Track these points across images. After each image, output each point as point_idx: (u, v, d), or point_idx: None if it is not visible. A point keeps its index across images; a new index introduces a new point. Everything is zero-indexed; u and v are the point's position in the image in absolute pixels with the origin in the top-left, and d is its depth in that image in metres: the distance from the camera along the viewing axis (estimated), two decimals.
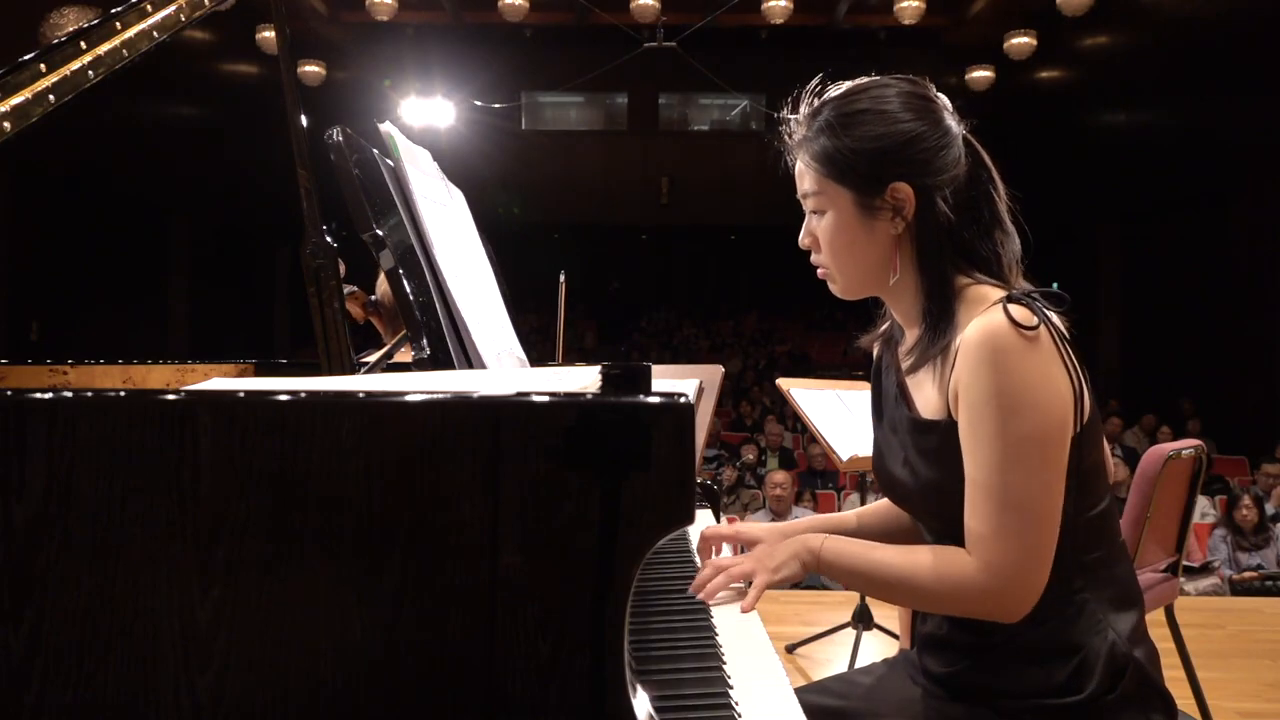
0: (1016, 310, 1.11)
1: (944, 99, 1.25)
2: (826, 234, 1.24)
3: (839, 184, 1.21)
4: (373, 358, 1.52)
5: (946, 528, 1.21)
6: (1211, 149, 10.45)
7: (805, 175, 1.25)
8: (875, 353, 1.41)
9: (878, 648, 3.66)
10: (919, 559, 1.18)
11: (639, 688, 0.73)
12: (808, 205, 1.26)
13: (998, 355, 1.10)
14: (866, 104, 1.21)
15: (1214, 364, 11.22)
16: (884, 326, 1.39)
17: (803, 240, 1.28)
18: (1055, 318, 1.15)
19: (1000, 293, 1.17)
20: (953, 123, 1.23)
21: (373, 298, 2.56)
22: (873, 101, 1.21)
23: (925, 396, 1.24)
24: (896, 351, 1.33)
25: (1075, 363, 1.14)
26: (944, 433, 1.18)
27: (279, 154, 1.39)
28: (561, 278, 2.37)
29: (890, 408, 1.33)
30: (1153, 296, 12.60)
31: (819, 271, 1.29)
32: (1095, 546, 1.20)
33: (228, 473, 0.69)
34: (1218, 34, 9.06)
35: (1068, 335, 1.15)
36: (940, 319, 1.20)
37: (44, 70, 1.18)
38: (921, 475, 1.23)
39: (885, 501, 1.48)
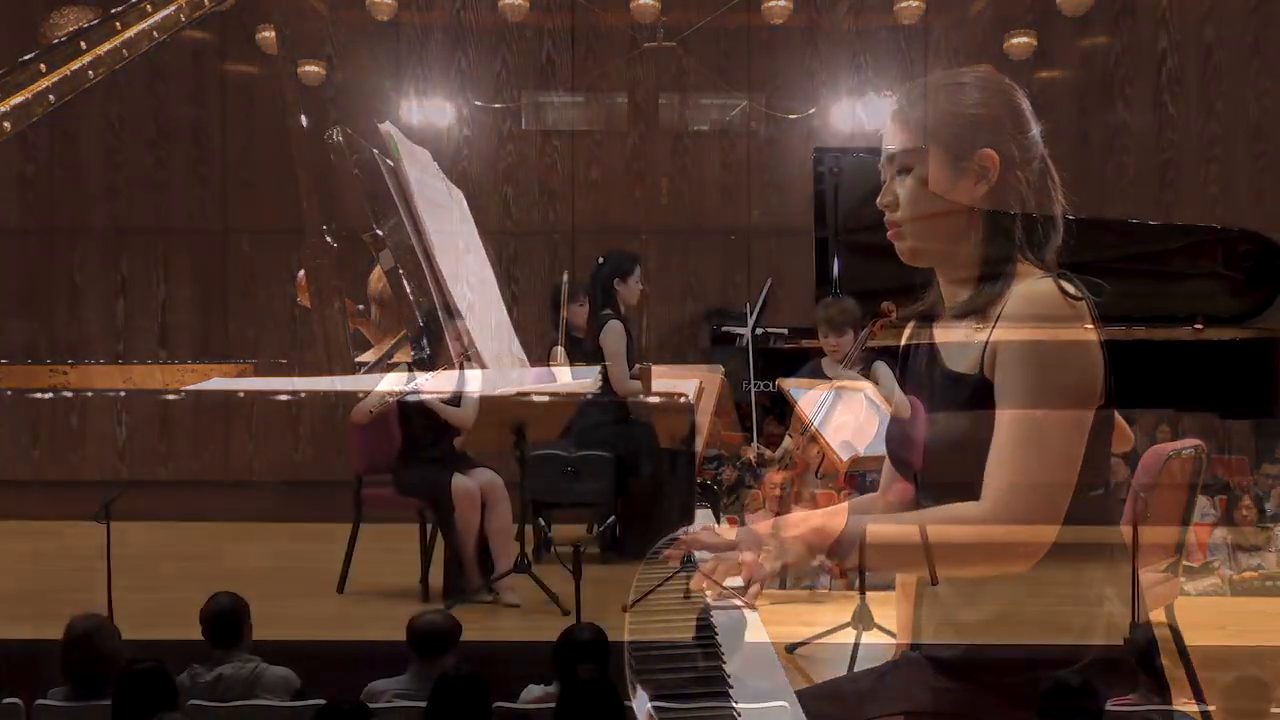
0: (1064, 283, 1.24)
1: (1029, 105, 1.36)
2: (911, 189, 1.33)
3: (933, 142, 1.32)
4: (369, 356, 1.52)
5: (950, 494, 1.25)
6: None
7: (898, 135, 1.34)
8: (905, 335, 1.49)
9: (878, 648, 3.66)
10: (932, 510, 1.24)
11: (639, 688, 0.73)
12: (895, 165, 1.34)
13: (1044, 315, 1.21)
14: (969, 79, 1.36)
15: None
16: (923, 304, 1.46)
17: (882, 198, 1.36)
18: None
19: (1043, 273, 1.28)
20: (1035, 124, 1.35)
21: (360, 307, 2.54)
22: (975, 79, 1.36)
23: (960, 354, 1.31)
24: (931, 329, 1.41)
25: (1103, 343, 1.24)
26: (974, 387, 1.26)
27: (279, 154, 1.39)
28: (565, 277, 2.37)
29: (919, 374, 1.41)
30: None
31: (889, 232, 1.36)
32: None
33: None
34: None
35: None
36: (997, 280, 1.30)
37: (44, 70, 1.18)
38: (941, 425, 1.29)
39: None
